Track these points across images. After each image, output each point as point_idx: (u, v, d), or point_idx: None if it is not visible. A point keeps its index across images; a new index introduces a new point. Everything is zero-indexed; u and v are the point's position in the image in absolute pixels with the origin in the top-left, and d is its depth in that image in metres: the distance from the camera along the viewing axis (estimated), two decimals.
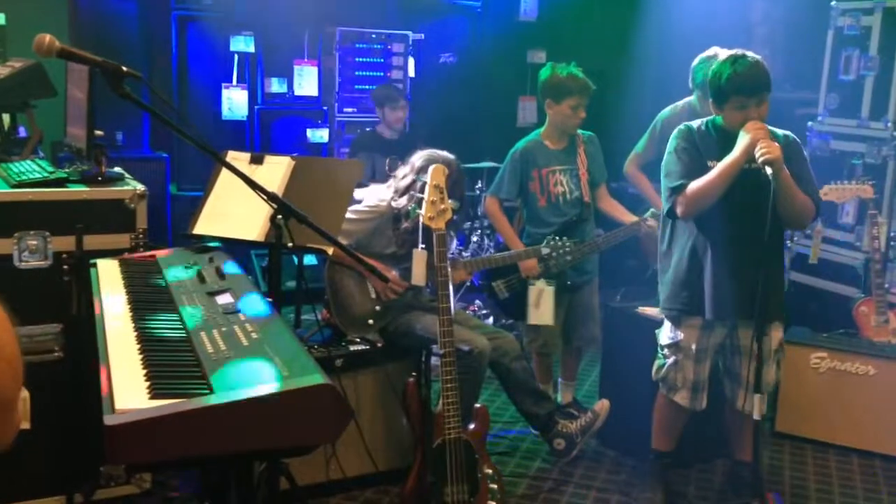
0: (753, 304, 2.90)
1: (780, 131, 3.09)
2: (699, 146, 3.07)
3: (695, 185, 2.98)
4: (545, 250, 3.75)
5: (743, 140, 2.90)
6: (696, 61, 4.12)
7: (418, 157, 3.47)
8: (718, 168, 2.95)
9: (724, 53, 3.81)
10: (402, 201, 3.42)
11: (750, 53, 3.02)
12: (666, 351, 3.26)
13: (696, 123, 3.16)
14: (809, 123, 5.05)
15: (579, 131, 4.05)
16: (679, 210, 3.04)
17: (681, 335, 3.19)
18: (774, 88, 3.02)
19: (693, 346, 3.17)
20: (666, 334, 3.27)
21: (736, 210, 3.00)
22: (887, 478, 3.79)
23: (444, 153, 3.48)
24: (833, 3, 4.96)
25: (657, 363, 3.31)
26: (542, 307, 3.86)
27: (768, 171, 2.78)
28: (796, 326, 4.39)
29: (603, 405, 3.75)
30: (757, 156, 2.82)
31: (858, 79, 4.82)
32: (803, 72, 5.17)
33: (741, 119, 2.95)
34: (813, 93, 5.15)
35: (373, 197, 3.52)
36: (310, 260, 5.32)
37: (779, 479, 3.75)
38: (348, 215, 3.16)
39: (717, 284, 3.06)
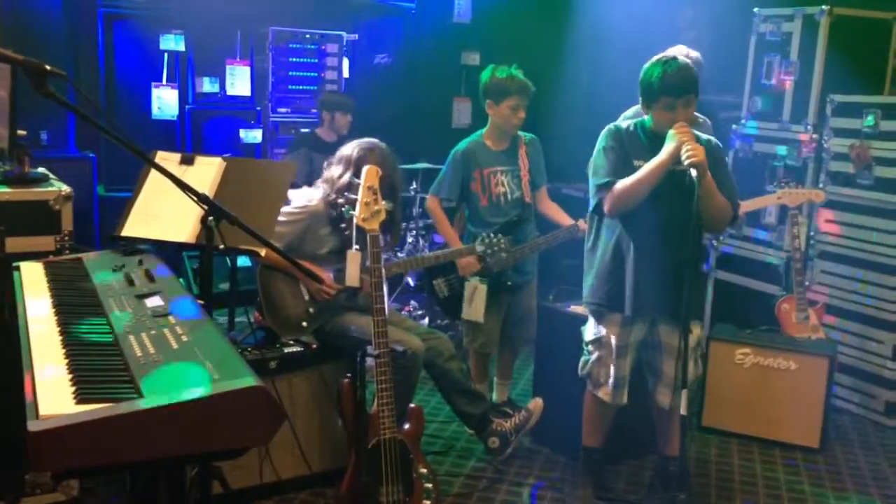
0: (673, 302, 3.00)
1: (703, 135, 3.19)
2: (626, 146, 3.16)
3: (622, 183, 3.06)
4: (479, 248, 3.78)
5: (670, 143, 3.00)
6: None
7: (352, 150, 3.44)
8: (646, 168, 3.03)
9: (693, 53, 3.91)
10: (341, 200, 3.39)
11: (680, 56, 3.13)
12: (590, 347, 3.34)
13: (624, 124, 3.24)
14: (733, 126, 5.21)
15: (521, 133, 4.10)
16: (606, 207, 3.13)
17: (603, 331, 3.27)
18: (700, 92, 3.12)
19: (614, 342, 3.25)
20: (590, 330, 3.35)
21: (660, 210, 3.09)
22: (808, 469, 3.94)
23: (374, 140, 3.48)
24: (756, 10, 5.12)
25: (582, 359, 3.38)
26: (474, 304, 3.90)
27: (693, 173, 2.87)
28: (722, 323, 4.53)
29: (536, 403, 3.80)
30: (683, 158, 2.91)
31: (779, 83, 4.98)
32: (728, 76, 5.32)
33: (669, 119, 3.04)
34: (737, 96, 5.31)
35: (301, 198, 3.50)
36: (243, 262, 5.27)
37: (705, 472, 3.86)
38: (278, 217, 3.14)
39: (638, 281, 3.15)
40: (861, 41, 4.87)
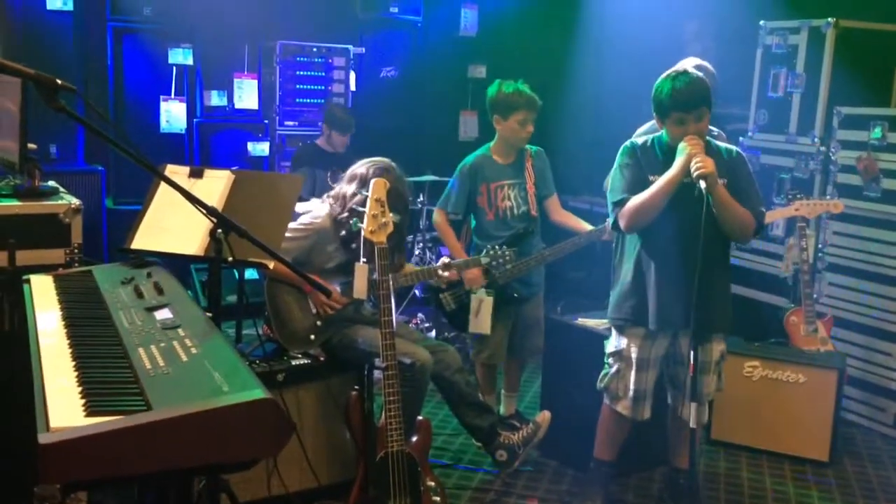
0: (695, 315, 2.98)
1: (723, 145, 3.19)
2: (641, 162, 3.15)
3: (635, 199, 3.06)
4: (485, 260, 3.78)
5: (680, 156, 2.99)
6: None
7: (367, 169, 3.43)
8: (657, 183, 3.03)
9: (706, 64, 3.92)
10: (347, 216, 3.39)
11: (691, 69, 3.13)
12: (610, 360, 3.32)
13: (640, 140, 3.24)
14: (740, 139, 5.21)
15: (527, 146, 4.11)
16: (622, 224, 3.12)
17: (624, 343, 3.26)
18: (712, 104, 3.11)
19: (634, 356, 3.23)
20: (612, 343, 3.33)
21: (677, 223, 3.08)
22: (818, 482, 3.91)
23: (387, 160, 3.48)
24: (762, 22, 5.13)
25: (602, 372, 3.36)
26: (480, 316, 3.90)
27: (702, 185, 2.87)
28: (730, 336, 4.51)
29: (544, 416, 3.79)
30: (692, 170, 2.91)
31: (786, 96, 4.99)
32: (734, 88, 5.33)
33: (681, 133, 3.03)
34: (744, 109, 5.32)
35: (308, 214, 3.51)
36: (251, 274, 5.28)
37: (714, 485, 3.84)
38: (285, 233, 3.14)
39: (661, 295, 3.13)
40: (867, 53, 4.87)
